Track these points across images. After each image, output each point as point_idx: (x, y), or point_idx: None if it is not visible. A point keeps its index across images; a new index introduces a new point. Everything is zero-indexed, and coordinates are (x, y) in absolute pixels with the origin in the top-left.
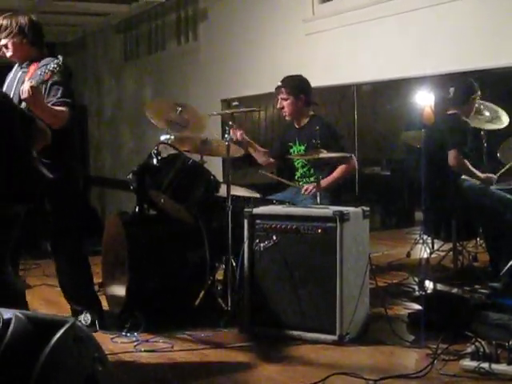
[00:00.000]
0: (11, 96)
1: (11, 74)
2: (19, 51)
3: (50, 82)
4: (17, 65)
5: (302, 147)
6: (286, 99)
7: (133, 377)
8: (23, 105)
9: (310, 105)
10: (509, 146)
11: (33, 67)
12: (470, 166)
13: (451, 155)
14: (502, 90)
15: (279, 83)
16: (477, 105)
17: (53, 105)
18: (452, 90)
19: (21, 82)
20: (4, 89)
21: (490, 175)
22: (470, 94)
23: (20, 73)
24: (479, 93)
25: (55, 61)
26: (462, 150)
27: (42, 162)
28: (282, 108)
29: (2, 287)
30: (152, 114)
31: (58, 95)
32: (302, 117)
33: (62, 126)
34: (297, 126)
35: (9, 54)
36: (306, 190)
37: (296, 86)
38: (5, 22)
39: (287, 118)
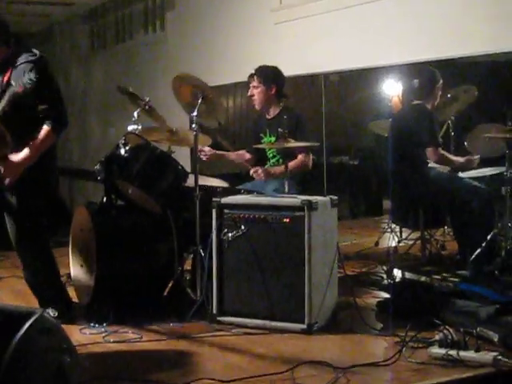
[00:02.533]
0: None
1: None
2: None
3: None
4: None
5: (273, 138)
6: (256, 87)
7: (101, 368)
8: None
9: (281, 97)
10: (476, 135)
11: (8, 71)
12: (449, 156)
13: (430, 153)
14: (470, 79)
15: (253, 71)
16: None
17: (37, 118)
18: (416, 81)
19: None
20: None
21: (471, 158)
22: (434, 84)
23: None
24: (441, 81)
25: (28, 72)
26: (437, 143)
27: None
28: (252, 96)
29: None
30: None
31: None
32: (272, 107)
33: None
34: (268, 117)
35: None
36: (255, 171)
37: (269, 75)
38: None
39: (256, 107)
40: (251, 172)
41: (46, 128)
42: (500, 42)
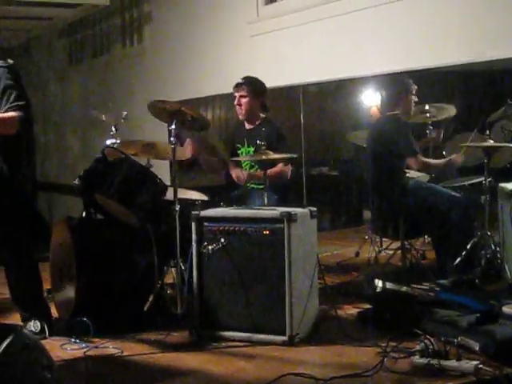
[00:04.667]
0: None
1: None
2: None
3: (1, 87)
4: None
5: (251, 149)
6: (244, 97)
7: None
8: None
9: (265, 109)
10: (455, 144)
11: None
12: (431, 161)
13: (411, 162)
14: (446, 89)
15: (241, 80)
16: (426, 107)
17: (5, 111)
18: (383, 93)
19: None
20: None
21: (452, 158)
22: (404, 94)
23: None
24: (413, 88)
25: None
26: (414, 152)
27: None
28: (240, 105)
29: None
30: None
31: (11, 100)
32: (255, 118)
33: (15, 132)
34: (247, 128)
35: None
36: (236, 175)
37: (257, 87)
38: None
39: (241, 117)
40: (233, 175)
41: (13, 113)
42: (477, 51)
